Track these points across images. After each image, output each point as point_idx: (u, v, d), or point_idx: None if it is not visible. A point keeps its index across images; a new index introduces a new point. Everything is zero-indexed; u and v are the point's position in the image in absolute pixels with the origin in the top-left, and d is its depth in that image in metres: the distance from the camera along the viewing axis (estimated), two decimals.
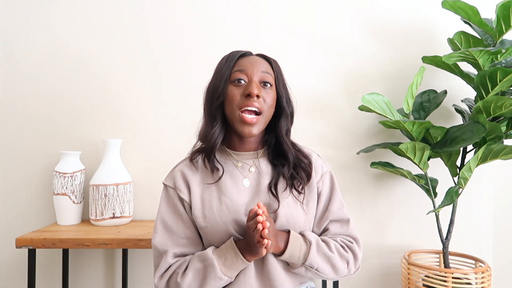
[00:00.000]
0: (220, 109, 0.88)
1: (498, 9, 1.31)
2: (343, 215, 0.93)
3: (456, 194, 1.36)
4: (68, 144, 1.62)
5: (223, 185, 0.87)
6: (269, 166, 0.91)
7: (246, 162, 0.91)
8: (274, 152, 0.92)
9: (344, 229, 0.92)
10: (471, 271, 1.37)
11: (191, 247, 0.87)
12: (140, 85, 1.64)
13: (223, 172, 0.88)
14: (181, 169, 0.92)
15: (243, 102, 0.84)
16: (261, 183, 0.88)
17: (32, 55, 1.62)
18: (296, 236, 0.84)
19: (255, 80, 0.86)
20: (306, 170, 0.90)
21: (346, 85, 1.67)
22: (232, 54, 0.90)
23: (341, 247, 0.89)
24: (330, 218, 0.92)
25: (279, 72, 0.92)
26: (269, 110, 0.88)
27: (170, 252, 0.85)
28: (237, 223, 0.83)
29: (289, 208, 0.86)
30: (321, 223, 0.92)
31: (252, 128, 0.85)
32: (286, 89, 0.93)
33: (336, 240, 0.90)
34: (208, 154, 0.89)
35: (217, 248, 0.83)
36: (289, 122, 0.92)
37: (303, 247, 0.83)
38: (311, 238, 0.85)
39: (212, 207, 0.85)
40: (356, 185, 1.66)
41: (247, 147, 0.92)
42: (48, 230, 1.38)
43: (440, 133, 1.42)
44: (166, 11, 1.65)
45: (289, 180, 0.88)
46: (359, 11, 1.68)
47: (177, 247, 0.86)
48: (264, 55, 0.93)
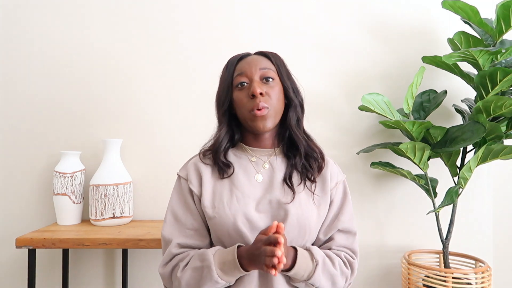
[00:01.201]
0: (227, 114, 0.91)
1: (498, 9, 1.31)
2: (351, 227, 0.92)
3: (456, 194, 1.36)
4: (68, 144, 1.62)
5: (236, 179, 0.89)
6: (284, 161, 0.92)
7: (261, 158, 0.92)
8: (288, 144, 0.93)
9: (350, 242, 0.92)
10: (471, 271, 1.37)
11: (197, 239, 0.88)
12: (140, 85, 1.64)
13: (234, 168, 0.90)
14: (195, 162, 0.93)
15: (250, 104, 0.86)
16: (274, 179, 0.89)
17: (32, 55, 1.62)
18: (303, 255, 0.83)
19: (256, 79, 0.87)
20: (317, 161, 0.91)
21: (346, 85, 1.67)
22: (231, 60, 0.92)
23: (344, 264, 0.89)
24: (339, 227, 0.91)
25: (281, 65, 0.93)
26: (277, 103, 0.88)
27: (174, 242, 0.86)
28: (246, 217, 0.84)
29: (301, 206, 0.86)
30: (328, 231, 0.91)
31: (265, 122, 0.86)
32: (291, 80, 0.94)
33: (340, 256, 0.89)
34: (215, 154, 0.91)
35: (220, 250, 0.83)
36: (299, 111, 0.94)
37: (309, 266, 0.82)
38: (318, 257, 0.84)
39: (222, 198, 0.86)
40: (356, 185, 1.66)
41: (262, 144, 0.94)
42: (48, 230, 1.38)
43: (440, 133, 1.42)
44: (166, 11, 1.65)
45: (303, 172, 0.89)
46: (359, 11, 1.68)
47: (182, 237, 0.87)
48: (262, 51, 0.94)
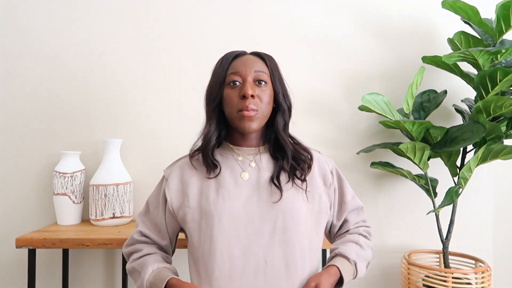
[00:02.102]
0: (217, 110, 0.91)
1: (498, 9, 1.31)
2: (357, 203, 1.01)
3: (456, 194, 1.36)
4: (68, 144, 1.62)
5: (222, 178, 0.89)
6: (271, 161, 0.93)
7: (247, 157, 0.93)
8: (275, 146, 0.94)
9: (361, 216, 1.01)
10: (471, 271, 1.37)
11: (156, 235, 0.95)
12: (140, 85, 1.64)
13: (220, 168, 0.90)
14: (182, 165, 0.95)
15: (240, 104, 0.86)
16: (261, 178, 0.89)
17: (32, 55, 1.62)
18: (343, 264, 0.87)
19: (249, 80, 0.87)
20: (307, 162, 0.92)
21: (346, 85, 1.67)
22: (226, 56, 0.92)
23: (365, 237, 0.97)
24: (349, 209, 0.98)
25: (274, 68, 0.93)
26: (266, 107, 0.89)
27: (138, 229, 0.96)
28: (232, 216, 0.84)
29: (290, 200, 0.86)
30: (340, 215, 0.99)
31: (251, 123, 0.86)
32: (282, 85, 0.94)
33: (360, 232, 0.97)
34: (204, 151, 0.91)
35: (158, 271, 0.86)
36: (287, 116, 0.94)
37: (351, 269, 0.89)
38: (352, 255, 0.90)
39: (208, 197, 0.86)
40: (356, 185, 1.66)
41: (248, 143, 0.94)
42: (48, 230, 1.38)
43: (440, 133, 1.42)
44: (167, 11, 1.65)
45: (291, 172, 0.90)
46: (359, 11, 1.68)
47: (145, 228, 0.95)
48: (258, 52, 0.94)
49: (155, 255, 0.91)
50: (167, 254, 0.97)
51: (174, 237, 0.98)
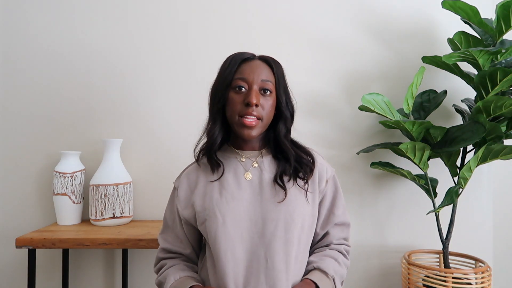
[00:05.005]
0: (221, 112, 0.91)
1: (498, 9, 1.31)
2: (345, 219, 0.98)
3: (456, 194, 1.36)
4: (68, 144, 1.62)
5: (225, 180, 0.90)
6: (273, 162, 0.93)
7: (250, 159, 0.94)
8: (277, 149, 0.94)
9: (345, 233, 0.98)
10: (471, 271, 1.37)
11: (178, 246, 0.96)
12: (140, 85, 1.64)
13: (223, 168, 0.91)
14: (188, 173, 0.97)
15: (242, 110, 0.86)
16: (264, 179, 0.90)
17: (31, 55, 1.62)
18: (321, 279, 0.86)
19: (255, 88, 0.87)
20: (309, 165, 0.92)
21: (346, 85, 1.67)
22: (234, 59, 0.91)
23: (344, 256, 0.95)
24: (335, 222, 0.96)
25: (281, 76, 0.92)
26: (268, 116, 0.90)
27: (161, 247, 0.97)
28: (235, 218, 0.85)
29: (293, 200, 0.87)
30: (324, 226, 0.96)
31: (251, 131, 0.87)
32: (287, 93, 0.94)
33: (341, 250, 0.95)
34: (209, 152, 0.92)
35: (179, 281, 0.87)
36: (289, 123, 0.94)
37: (329, 284, 0.87)
38: (331, 271, 0.89)
39: (212, 199, 0.88)
40: (356, 185, 1.66)
41: (250, 146, 0.95)
42: (48, 230, 1.38)
43: (440, 133, 1.42)
44: (167, 11, 1.65)
45: (293, 173, 0.90)
46: (359, 11, 1.68)
47: (167, 243, 0.96)
48: (267, 58, 0.93)
49: (178, 265, 0.93)
50: (193, 262, 0.97)
51: (197, 243, 0.98)
